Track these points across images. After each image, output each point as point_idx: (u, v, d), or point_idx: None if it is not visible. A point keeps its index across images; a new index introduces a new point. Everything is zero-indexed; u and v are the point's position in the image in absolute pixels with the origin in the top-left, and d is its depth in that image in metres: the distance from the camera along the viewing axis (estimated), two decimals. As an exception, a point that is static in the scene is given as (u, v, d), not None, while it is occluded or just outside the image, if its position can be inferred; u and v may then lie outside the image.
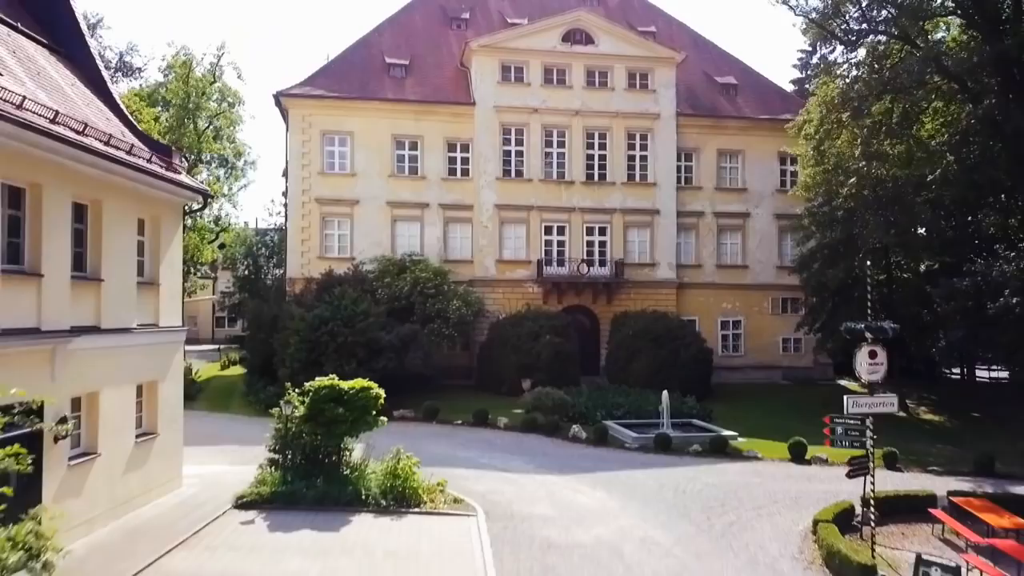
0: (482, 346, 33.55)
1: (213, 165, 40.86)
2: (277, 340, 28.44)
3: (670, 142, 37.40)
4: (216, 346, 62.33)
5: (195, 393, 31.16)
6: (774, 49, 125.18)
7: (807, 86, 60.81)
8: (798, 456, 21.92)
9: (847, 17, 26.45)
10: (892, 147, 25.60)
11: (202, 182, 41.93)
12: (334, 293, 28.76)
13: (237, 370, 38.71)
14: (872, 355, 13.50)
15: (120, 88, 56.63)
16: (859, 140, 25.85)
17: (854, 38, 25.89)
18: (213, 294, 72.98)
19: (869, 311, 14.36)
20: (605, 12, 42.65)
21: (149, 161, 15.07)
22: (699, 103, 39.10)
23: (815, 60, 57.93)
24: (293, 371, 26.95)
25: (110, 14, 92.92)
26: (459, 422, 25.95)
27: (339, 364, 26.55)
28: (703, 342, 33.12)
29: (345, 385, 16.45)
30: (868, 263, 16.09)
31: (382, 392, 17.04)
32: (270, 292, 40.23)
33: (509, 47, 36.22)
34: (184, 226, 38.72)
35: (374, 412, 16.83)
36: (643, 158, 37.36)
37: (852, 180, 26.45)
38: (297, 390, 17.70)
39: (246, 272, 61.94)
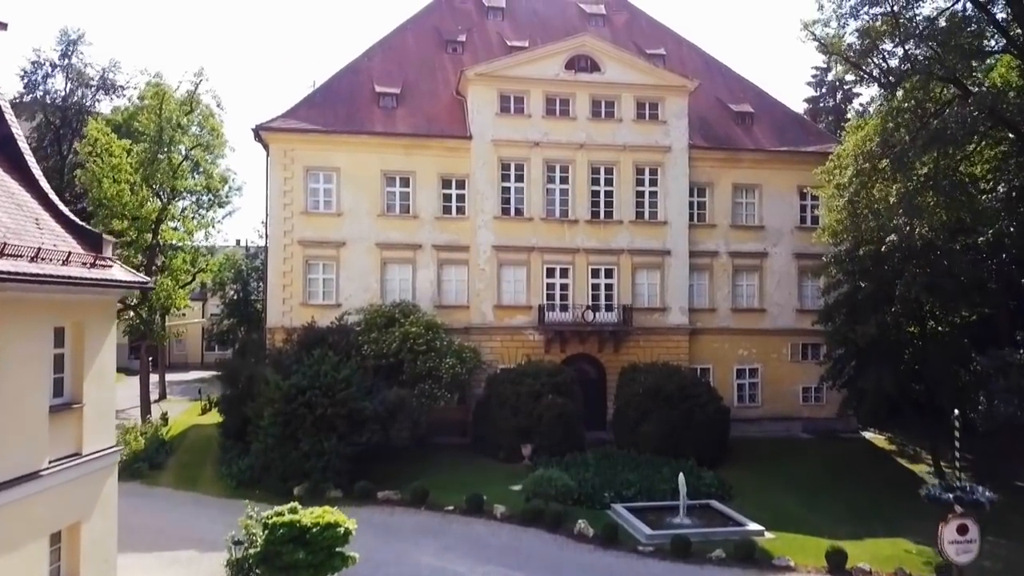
0: (478, 403, 30.82)
1: (193, 196, 38.16)
2: (251, 408, 25.72)
3: (682, 177, 34.66)
4: (202, 375, 59.87)
5: (163, 459, 28.52)
6: (787, 62, 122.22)
7: (820, 104, 58.37)
8: (837, 566, 19.14)
9: (885, 55, 23.78)
10: (935, 199, 22.81)
11: (181, 211, 39.55)
12: (314, 355, 26.03)
13: (217, 417, 35.99)
14: (962, 530, 10.77)
15: (102, 107, 54.31)
16: (898, 192, 23.05)
17: (893, 79, 23.18)
18: (203, 317, 70.52)
19: (957, 468, 11.59)
20: (611, 33, 40.10)
21: (66, 261, 12.38)
22: (712, 134, 36.35)
23: (831, 78, 55.65)
24: (267, 447, 24.46)
25: (92, 30, 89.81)
26: (451, 508, 23.18)
27: (317, 439, 24.11)
28: (719, 400, 30.37)
29: (307, 520, 13.79)
30: (955, 412, 13.17)
31: (353, 524, 14.36)
32: (255, 325, 37.23)
33: (508, 75, 33.47)
34: (156, 269, 36.25)
35: (343, 549, 14.12)
36: (652, 194, 34.61)
37: (892, 238, 23.68)
38: (255, 511, 15.12)
39: (235, 296, 59.42)
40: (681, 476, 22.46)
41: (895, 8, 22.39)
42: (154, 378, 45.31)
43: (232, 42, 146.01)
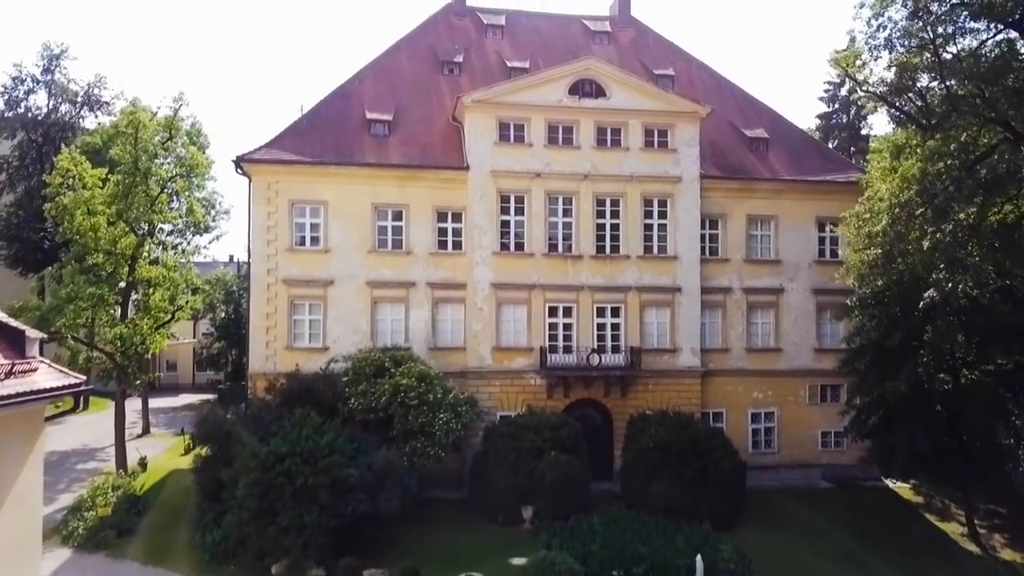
0: (476, 457, 28.59)
1: (174, 226, 36.12)
2: (227, 473, 23.56)
3: (693, 208, 32.46)
4: (191, 400, 57.83)
5: (134, 522, 26.24)
6: (796, 75, 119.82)
7: (832, 121, 56.21)
8: None
9: (922, 92, 21.55)
10: (978, 251, 20.65)
11: (160, 245, 37.43)
12: (295, 415, 23.86)
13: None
14: None
15: (87, 124, 52.22)
16: (934, 240, 20.87)
17: (935, 120, 20.99)
18: (194, 337, 68.48)
19: None
20: (617, 52, 38.04)
21: (-31, 378, 10.26)
22: (725, 162, 34.14)
23: (844, 92, 53.43)
24: (242, 520, 22.25)
25: (76, 45, 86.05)
26: (444, 592, 21.06)
27: (297, 512, 21.98)
28: (735, 454, 28.14)
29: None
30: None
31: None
32: (246, 348, 34.52)
33: (508, 101, 31.29)
34: (138, 303, 34.10)
35: None
36: (662, 227, 32.42)
37: (931, 293, 21.48)
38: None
39: (225, 316, 57.32)
40: (699, 561, 20.24)
41: (936, 41, 20.26)
42: (138, 404, 43.11)
43: (217, 64, 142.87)
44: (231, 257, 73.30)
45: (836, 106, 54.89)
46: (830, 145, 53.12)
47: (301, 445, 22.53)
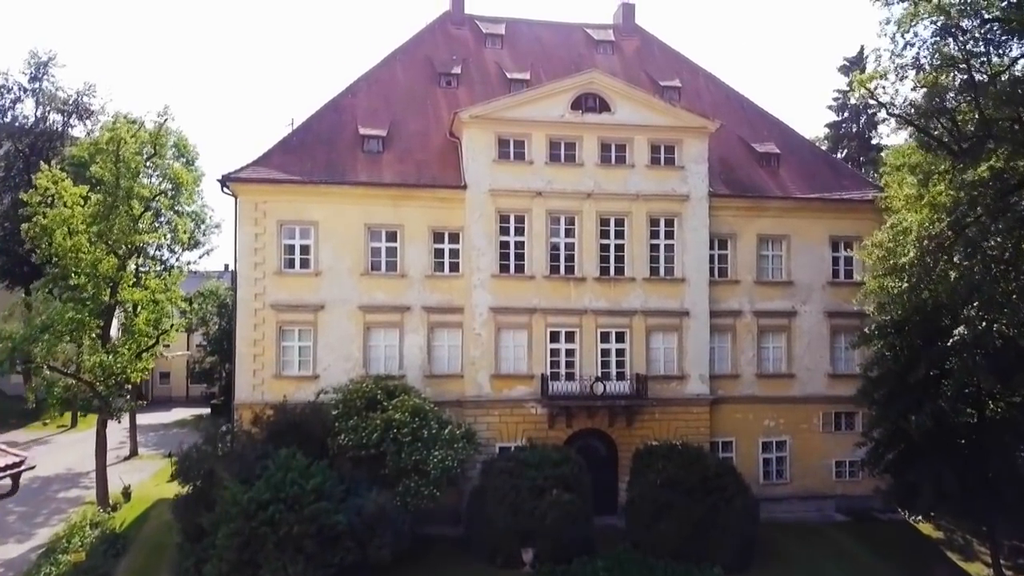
0: (473, 492, 27.11)
1: (157, 247, 34.73)
2: (207, 518, 22.11)
3: (701, 228, 30.98)
4: (184, 415, 56.59)
5: (111, 566, 24.76)
6: (802, 82, 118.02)
7: (842, 130, 54.75)
8: None
9: (953, 116, 20.04)
10: (1015, 287, 19.15)
11: (144, 266, 36.05)
12: (280, 455, 22.41)
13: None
14: None
15: (76, 132, 50.92)
16: (964, 273, 19.41)
17: (967, 145, 19.49)
18: (187, 350, 67.18)
19: None
20: (621, 62, 36.62)
21: None
22: (734, 179, 32.64)
23: (854, 101, 51.97)
24: (222, 573, 20.78)
25: (65, 53, 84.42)
26: (437, 653, 19.62)
27: (281, 564, 20.49)
28: (747, 491, 26.64)
29: None
30: None
31: None
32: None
33: (507, 117, 29.84)
34: (123, 326, 32.69)
35: None
36: (668, 248, 30.93)
37: (961, 330, 20.01)
38: None
39: (218, 328, 55.98)
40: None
41: (970, 60, 18.80)
42: (127, 422, 41.63)
43: (206, 75, 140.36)
44: (226, 267, 71.97)
45: (846, 115, 53.48)
46: (839, 155, 51.89)
47: (286, 490, 21.10)
